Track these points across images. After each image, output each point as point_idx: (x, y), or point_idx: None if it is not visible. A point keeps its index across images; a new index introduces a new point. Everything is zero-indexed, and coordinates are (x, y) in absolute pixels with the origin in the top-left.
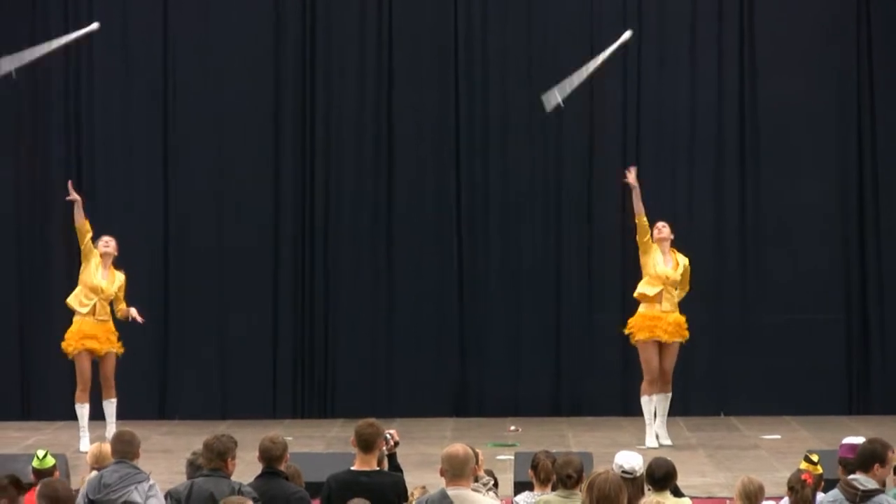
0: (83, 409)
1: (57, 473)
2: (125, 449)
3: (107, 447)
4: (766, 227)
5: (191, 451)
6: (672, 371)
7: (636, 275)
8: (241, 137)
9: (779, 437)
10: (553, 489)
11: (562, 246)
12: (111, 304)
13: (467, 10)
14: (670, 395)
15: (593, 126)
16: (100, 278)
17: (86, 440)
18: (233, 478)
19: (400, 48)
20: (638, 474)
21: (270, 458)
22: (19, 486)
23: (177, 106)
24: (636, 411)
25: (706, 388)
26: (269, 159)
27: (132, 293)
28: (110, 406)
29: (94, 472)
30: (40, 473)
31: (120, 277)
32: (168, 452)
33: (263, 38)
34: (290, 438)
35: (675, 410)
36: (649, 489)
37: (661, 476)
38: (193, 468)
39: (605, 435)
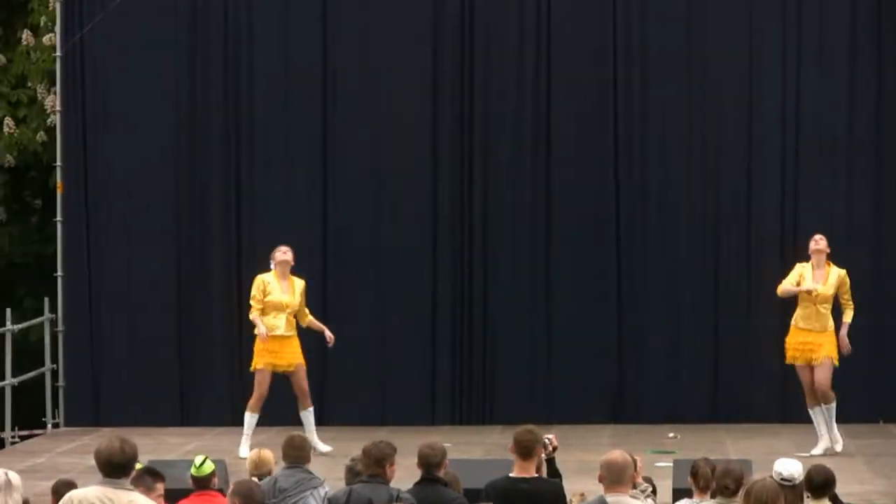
0: (252, 419)
1: (215, 479)
2: (297, 454)
3: (266, 453)
4: None
5: (349, 458)
6: (827, 385)
7: None
8: (399, 143)
9: None
10: (712, 497)
11: (720, 250)
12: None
13: (626, 12)
14: (831, 405)
15: (751, 128)
16: (280, 294)
17: (246, 447)
18: (392, 484)
19: (559, 52)
20: (797, 482)
21: (429, 464)
22: (155, 476)
23: (336, 109)
24: (795, 418)
25: (863, 395)
26: (428, 168)
27: None
28: (309, 415)
29: (256, 478)
30: (199, 480)
31: (299, 284)
32: (327, 458)
33: (421, 43)
34: (448, 445)
35: None
36: (808, 496)
37: (820, 483)
38: (352, 474)
39: (764, 442)
